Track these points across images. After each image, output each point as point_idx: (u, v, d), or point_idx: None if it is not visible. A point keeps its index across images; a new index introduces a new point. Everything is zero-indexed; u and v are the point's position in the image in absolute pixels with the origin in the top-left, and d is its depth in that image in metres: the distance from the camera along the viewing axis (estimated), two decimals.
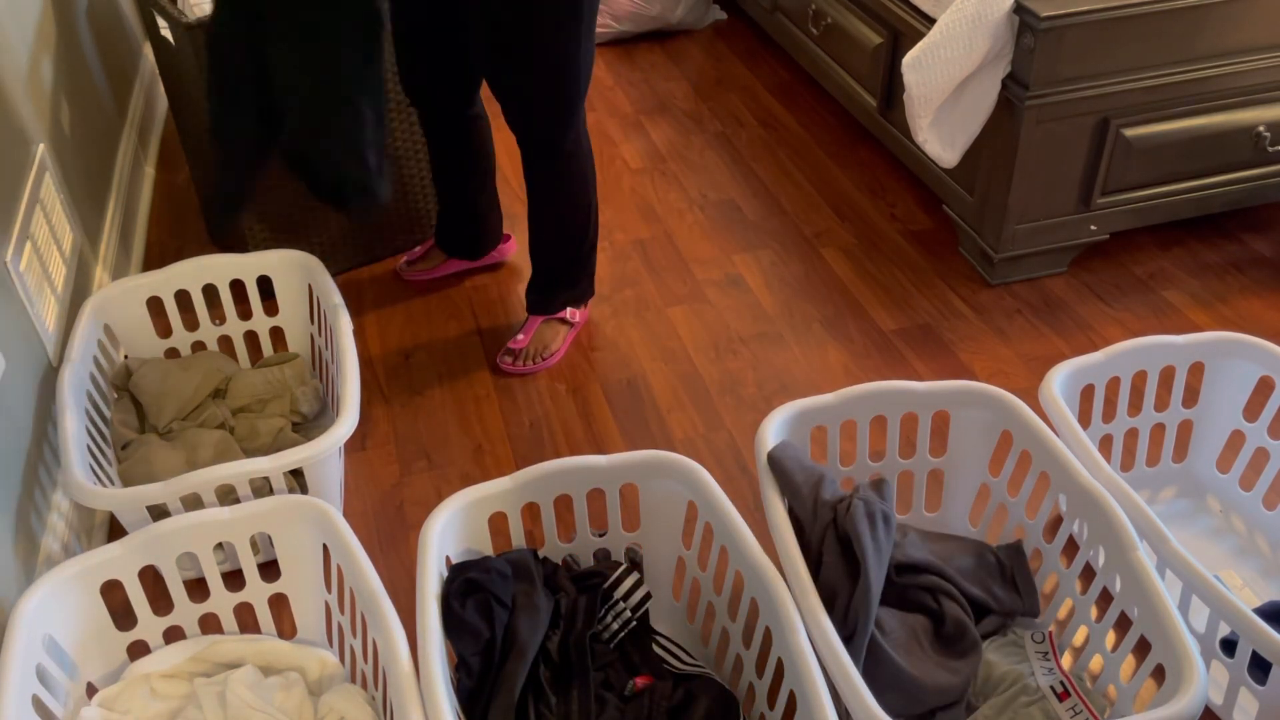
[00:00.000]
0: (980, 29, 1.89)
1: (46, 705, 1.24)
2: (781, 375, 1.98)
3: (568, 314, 2.04)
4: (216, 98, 1.54)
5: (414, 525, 1.71)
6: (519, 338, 2.02)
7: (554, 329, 2.03)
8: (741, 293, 2.19)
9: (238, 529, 1.40)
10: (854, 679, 1.16)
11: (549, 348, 2.01)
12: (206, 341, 1.91)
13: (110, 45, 2.57)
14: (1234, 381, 1.63)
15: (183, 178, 2.62)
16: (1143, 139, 2.05)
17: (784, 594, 1.26)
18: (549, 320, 2.03)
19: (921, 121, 2.02)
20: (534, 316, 2.03)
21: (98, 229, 2.11)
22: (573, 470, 1.44)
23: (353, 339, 1.69)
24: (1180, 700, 1.13)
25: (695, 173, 2.59)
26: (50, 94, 1.99)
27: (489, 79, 1.79)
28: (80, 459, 1.48)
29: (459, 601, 1.27)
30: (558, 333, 2.03)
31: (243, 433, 1.76)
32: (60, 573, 1.31)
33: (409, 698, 1.16)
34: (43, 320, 1.67)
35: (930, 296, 2.16)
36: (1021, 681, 1.36)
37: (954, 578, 1.45)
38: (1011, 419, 1.49)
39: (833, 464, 1.55)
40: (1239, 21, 1.97)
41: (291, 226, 2.12)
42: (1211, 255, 2.24)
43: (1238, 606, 1.23)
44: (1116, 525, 1.31)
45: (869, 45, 2.43)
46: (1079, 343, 2.03)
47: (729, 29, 3.33)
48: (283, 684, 1.38)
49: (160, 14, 1.93)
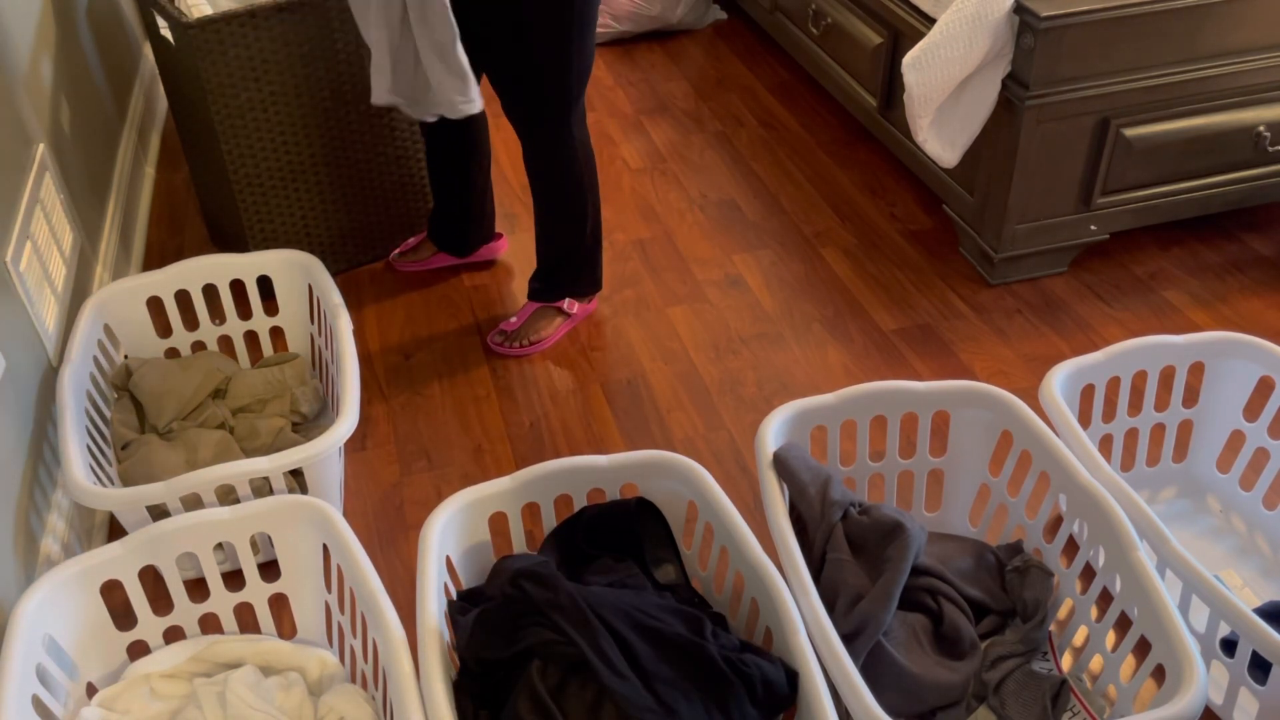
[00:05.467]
0: (980, 29, 1.89)
1: (46, 705, 1.24)
2: (781, 375, 1.98)
3: (565, 304, 2.06)
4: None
5: (414, 525, 1.71)
6: (512, 320, 2.06)
7: (549, 317, 2.06)
8: (741, 293, 2.19)
9: (238, 529, 1.40)
10: (854, 679, 1.16)
11: (540, 333, 2.04)
12: (206, 341, 1.91)
13: (110, 45, 2.57)
14: (1234, 381, 1.63)
15: (183, 178, 2.62)
16: (1143, 139, 2.05)
17: (784, 594, 1.26)
18: (545, 307, 2.06)
19: (922, 121, 2.02)
20: (531, 303, 2.06)
21: (98, 229, 2.11)
22: (573, 470, 1.44)
23: (352, 339, 1.69)
24: (1180, 700, 1.13)
25: (695, 173, 2.59)
26: (50, 94, 1.99)
27: (488, 72, 1.80)
28: (80, 459, 1.48)
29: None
30: (552, 321, 2.05)
31: (243, 433, 1.75)
32: (60, 573, 1.31)
33: (409, 698, 1.16)
34: (43, 320, 1.67)
35: (930, 296, 2.16)
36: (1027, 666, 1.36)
37: (953, 579, 1.45)
38: (1011, 419, 1.49)
39: (833, 464, 1.55)
40: (1239, 21, 1.97)
41: (292, 226, 2.12)
42: (1211, 255, 2.24)
43: (1238, 606, 1.23)
44: (1116, 525, 1.31)
45: (869, 45, 2.43)
46: (1079, 343, 2.03)
47: (729, 29, 3.33)
48: (283, 684, 1.38)
49: (160, 14, 1.93)
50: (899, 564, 1.36)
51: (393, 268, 2.27)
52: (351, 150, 2.13)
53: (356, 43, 2.02)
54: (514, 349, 2.03)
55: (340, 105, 2.06)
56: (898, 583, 1.34)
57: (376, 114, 2.12)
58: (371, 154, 2.16)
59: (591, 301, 2.11)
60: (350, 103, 2.08)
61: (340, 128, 2.09)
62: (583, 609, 1.21)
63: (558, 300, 2.05)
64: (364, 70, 2.06)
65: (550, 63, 1.75)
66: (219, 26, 1.86)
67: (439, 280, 2.25)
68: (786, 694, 1.21)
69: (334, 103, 2.05)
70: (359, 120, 2.11)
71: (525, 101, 1.81)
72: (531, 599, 1.23)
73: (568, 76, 1.77)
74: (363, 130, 2.12)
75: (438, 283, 2.24)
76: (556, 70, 1.76)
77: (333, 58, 2.01)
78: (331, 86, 2.04)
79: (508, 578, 1.27)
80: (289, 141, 2.04)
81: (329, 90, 2.04)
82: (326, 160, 2.10)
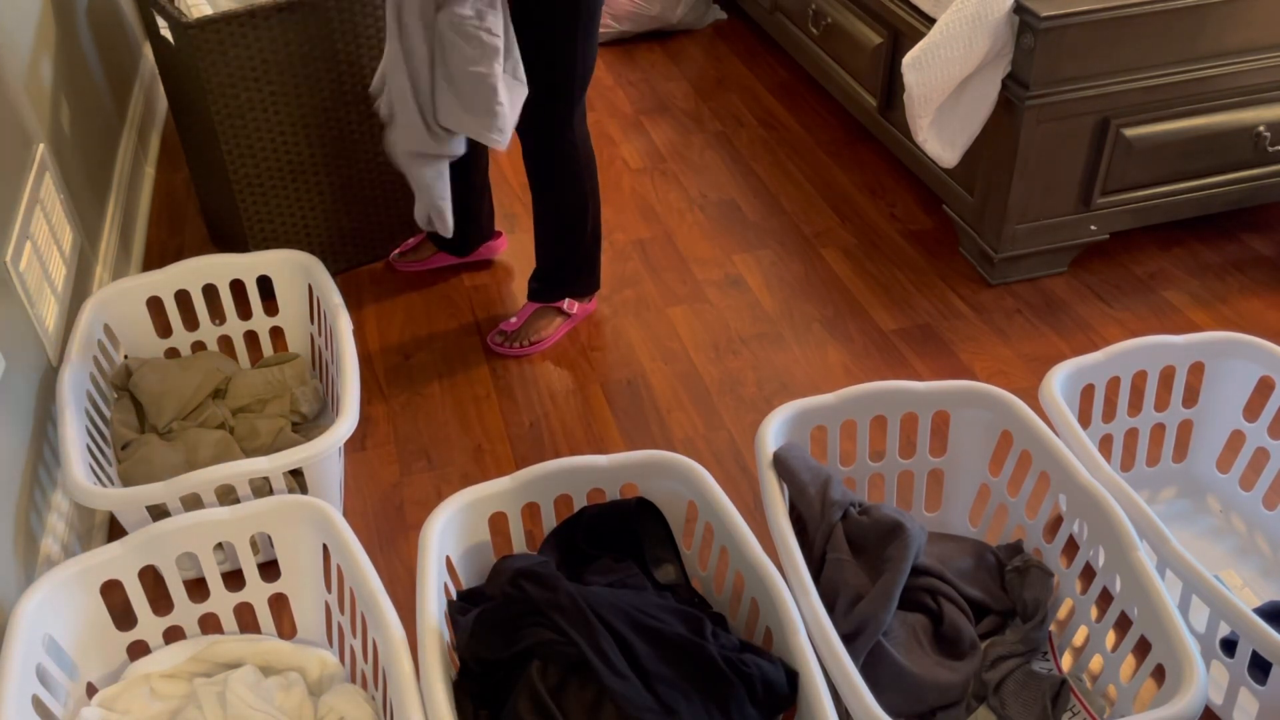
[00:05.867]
0: (980, 29, 1.89)
1: (46, 705, 1.24)
2: (781, 375, 1.98)
3: (565, 304, 2.06)
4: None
5: (414, 525, 1.70)
6: (512, 320, 2.07)
7: (548, 317, 2.06)
8: (741, 293, 2.19)
9: (238, 529, 1.40)
10: (854, 679, 1.16)
11: (540, 333, 2.05)
12: (206, 341, 1.91)
13: (110, 45, 2.57)
14: (1234, 381, 1.63)
15: (183, 178, 2.62)
16: (1143, 139, 2.05)
17: (784, 594, 1.26)
18: (545, 308, 2.06)
19: (922, 121, 2.02)
20: (531, 303, 2.07)
21: (98, 229, 2.11)
22: (573, 470, 1.44)
23: (352, 339, 1.69)
24: (1180, 700, 1.13)
25: (695, 173, 2.59)
26: (50, 94, 1.99)
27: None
28: (80, 459, 1.47)
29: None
30: (551, 321, 2.06)
31: (243, 433, 1.75)
32: (60, 573, 1.31)
33: (409, 698, 1.16)
34: (43, 320, 1.67)
35: (930, 296, 2.16)
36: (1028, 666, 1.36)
37: (953, 579, 1.45)
38: (1011, 419, 1.49)
39: (833, 464, 1.55)
40: (1239, 21, 1.97)
41: (292, 226, 2.12)
42: (1211, 255, 2.24)
43: (1238, 606, 1.23)
44: (1116, 525, 1.31)
45: (869, 45, 2.43)
46: (1079, 343, 2.03)
47: (729, 29, 3.33)
48: (283, 684, 1.38)
49: (160, 14, 1.93)
50: (899, 564, 1.36)
51: (393, 268, 2.28)
52: (351, 150, 2.13)
53: (357, 43, 2.03)
54: (514, 349, 2.03)
55: (340, 105, 2.07)
56: (898, 583, 1.34)
57: (376, 114, 2.12)
58: (371, 154, 2.16)
59: (591, 301, 2.11)
60: (350, 103, 2.08)
61: (340, 128, 2.09)
62: (583, 609, 1.21)
63: (557, 300, 2.06)
64: (364, 70, 2.06)
65: (553, 63, 1.75)
66: (219, 26, 1.86)
67: (439, 280, 2.25)
68: (786, 694, 1.21)
69: (334, 103, 2.06)
70: (359, 120, 2.11)
71: (527, 101, 1.81)
72: (531, 599, 1.23)
73: (570, 76, 1.77)
74: (363, 130, 2.12)
75: (438, 283, 2.24)
76: (559, 70, 1.76)
77: (333, 58, 2.01)
78: (331, 86, 2.04)
79: (508, 578, 1.27)
80: (289, 141, 2.04)
81: (329, 90, 2.04)
82: (326, 160, 2.10)
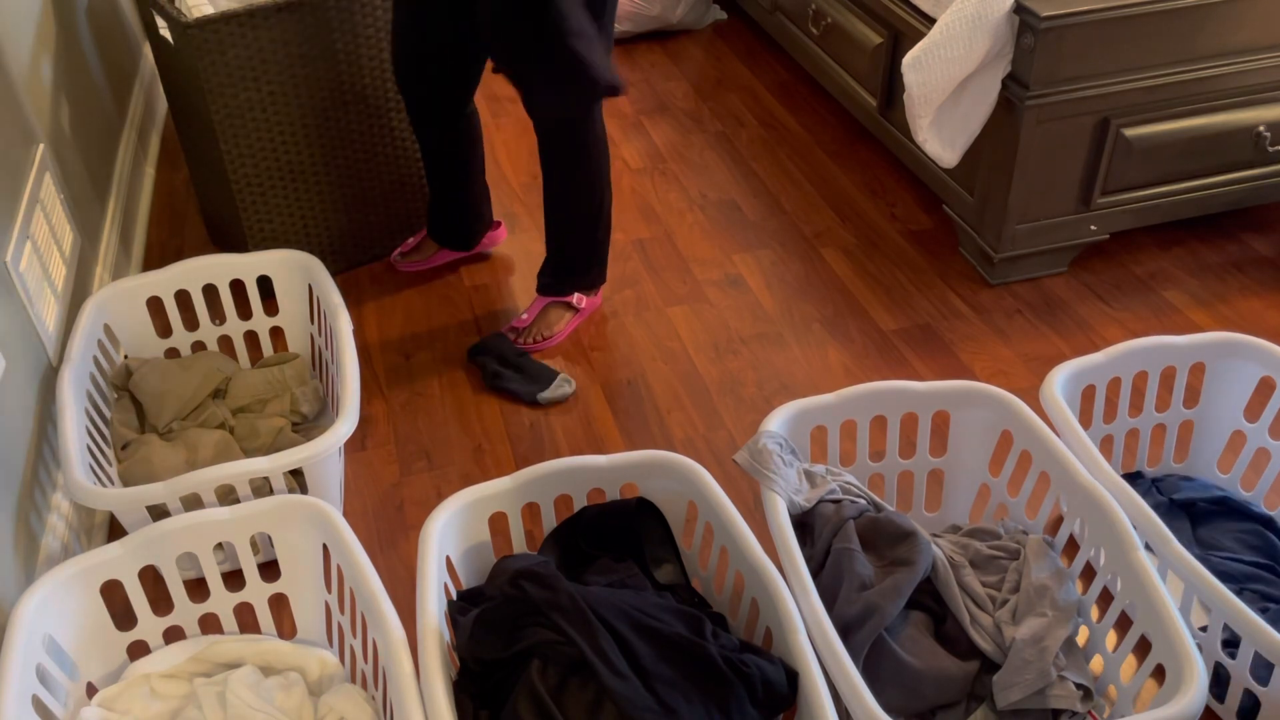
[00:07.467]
0: (980, 29, 1.89)
1: (46, 705, 1.24)
2: (781, 375, 1.98)
3: (574, 299, 2.07)
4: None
5: (414, 525, 1.70)
6: (523, 316, 2.07)
7: (558, 312, 2.06)
8: (741, 293, 2.19)
9: (238, 529, 1.40)
10: (854, 679, 1.16)
11: (551, 329, 2.05)
12: (206, 341, 1.91)
13: (110, 45, 2.57)
14: (1235, 382, 1.63)
15: (183, 178, 2.62)
16: (1143, 139, 2.05)
17: (784, 594, 1.26)
18: (555, 303, 2.07)
19: (922, 121, 2.02)
20: (541, 298, 2.07)
21: (98, 229, 2.11)
22: (573, 470, 1.44)
23: (352, 339, 1.69)
24: (1180, 700, 1.13)
25: (695, 173, 2.59)
26: (50, 94, 1.99)
27: (511, 65, 1.80)
28: (80, 459, 1.47)
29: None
30: (561, 316, 2.06)
31: (243, 433, 1.75)
32: (60, 573, 1.31)
33: (409, 698, 1.16)
34: (43, 320, 1.67)
35: (930, 296, 2.16)
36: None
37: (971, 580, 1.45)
38: (1011, 419, 1.49)
39: (833, 464, 1.55)
40: (1239, 21, 1.97)
41: (291, 226, 2.12)
42: (1211, 255, 2.24)
43: (1238, 606, 1.23)
44: (1117, 525, 1.31)
45: (869, 45, 2.43)
46: (1079, 343, 2.03)
47: (729, 29, 3.33)
48: (283, 684, 1.38)
49: (160, 14, 1.93)
50: (914, 565, 1.36)
51: (394, 268, 2.27)
52: (351, 150, 2.13)
53: (356, 43, 2.03)
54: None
55: (339, 105, 2.07)
56: (910, 581, 1.34)
57: (375, 114, 2.12)
58: (371, 154, 2.16)
59: (597, 296, 2.12)
60: (349, 103, 2.08)
61: (339, 128, 2.09)
62: (583, 609, 1.21)
63: (567, 293, 2.06)
64: (363, 70, 2.06)
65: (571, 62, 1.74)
66: (219, 26, 1.86)
67: (439, 279, 2.25)
68: (786, 694, 1.21)
69: (333, 103, 2.05)
70: (358, 120, 2.11)
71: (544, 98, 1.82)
72: (531, 599, 1.23)
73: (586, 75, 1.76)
74: (362, 130, 2.12)
75: (437, 282, 2.24)
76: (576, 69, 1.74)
77: (332, 58, 2.01)
78: (331, 86, 2.04)
79: (508, 578, 1.27)
80: (289, 141, 2.04)
81: (328, 90, 2.04)
82: (326, 160, 2.10)
